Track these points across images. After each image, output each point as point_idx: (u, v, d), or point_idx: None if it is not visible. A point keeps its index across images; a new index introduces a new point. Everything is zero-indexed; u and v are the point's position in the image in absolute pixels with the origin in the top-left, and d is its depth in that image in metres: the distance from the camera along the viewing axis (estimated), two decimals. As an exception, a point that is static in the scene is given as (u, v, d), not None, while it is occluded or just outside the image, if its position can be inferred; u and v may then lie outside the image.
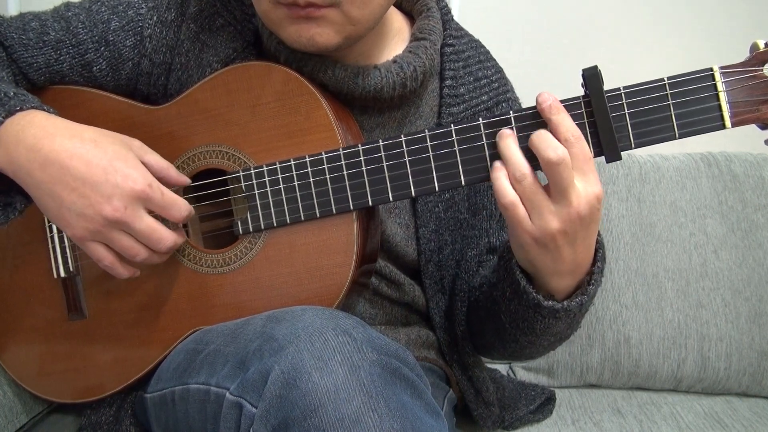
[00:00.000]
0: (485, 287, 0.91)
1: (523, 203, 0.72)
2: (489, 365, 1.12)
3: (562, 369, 1.25)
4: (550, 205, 0.71)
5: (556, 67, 1.46)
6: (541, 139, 0.71)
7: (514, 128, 0.74)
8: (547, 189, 0.72)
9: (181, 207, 0.79)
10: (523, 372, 1.29)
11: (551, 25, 1.45)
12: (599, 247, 0.78)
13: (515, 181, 0.72)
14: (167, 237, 0.78)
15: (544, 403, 1.11)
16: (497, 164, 0.74)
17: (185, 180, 0.83)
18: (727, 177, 1.29)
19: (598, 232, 0.78)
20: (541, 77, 1.46)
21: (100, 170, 0.74)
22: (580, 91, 0.73)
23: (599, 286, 0.80)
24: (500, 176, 0.73)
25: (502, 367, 1.30)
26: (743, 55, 0.72)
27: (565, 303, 0.78)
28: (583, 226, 0.72)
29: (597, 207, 0.72)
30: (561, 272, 0.76)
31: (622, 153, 0.73)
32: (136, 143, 0.80)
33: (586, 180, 0.71)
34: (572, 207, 0.71)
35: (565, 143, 0.70)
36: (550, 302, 0.78)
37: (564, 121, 0.71)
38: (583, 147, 0.71)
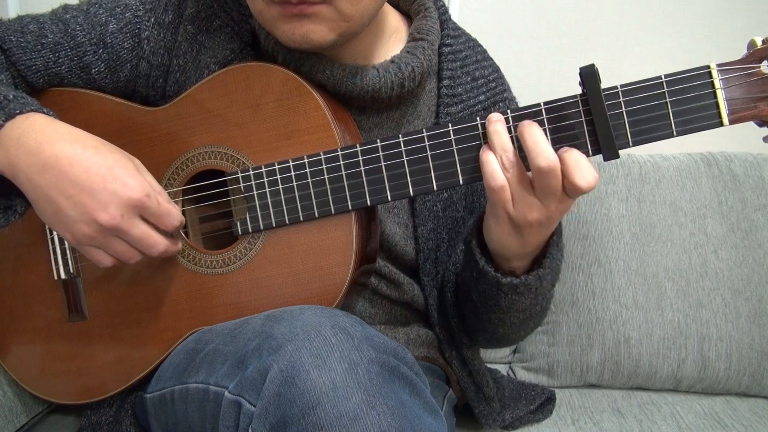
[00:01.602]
0: (459, 271, 0.93)
1: (509, 188, 0.73)
2: (489, 365, 1.12)
3: (562, 369, 1.25)
4: (533, 198, 0.73)
5: (556, 67, 1.46)
6: (535, 142, 0.71)
7: (511, 127, 0.74)
8: (532, 181, 0.73)
9: (174, 217, 0.79)
10: (523, 372, 1.29)
11: (551, 25, 1.45)
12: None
13: (504, 168, 0.73)
14: (160, 242, 0.78)
15: (544, 403, 1.11)
16: (487, 145, 0.75)
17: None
18: (727, 177, 1.29)
19: None
20: (541, 77, 1.47)
21: (99, 178, 0.74)
22: (578, 90, 0.73)
23: (561, 259, 0.83)
24: (490, 159, 0.73)
25: (502, 368, 1.30)
26: (741, 53, 0.72)
27: (522, 278, 0.80)
28: (558, 217, 0.75)
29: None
30: (527, 255, 0.80)
31: (621, 151, 0.73)
32: (137, 161, 0.80)
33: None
34: (552, 207, 0.73)
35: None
36: (508, 279, 0.80)
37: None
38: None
